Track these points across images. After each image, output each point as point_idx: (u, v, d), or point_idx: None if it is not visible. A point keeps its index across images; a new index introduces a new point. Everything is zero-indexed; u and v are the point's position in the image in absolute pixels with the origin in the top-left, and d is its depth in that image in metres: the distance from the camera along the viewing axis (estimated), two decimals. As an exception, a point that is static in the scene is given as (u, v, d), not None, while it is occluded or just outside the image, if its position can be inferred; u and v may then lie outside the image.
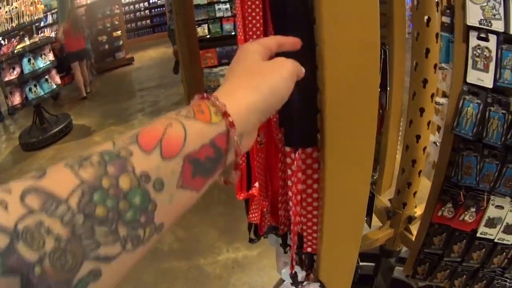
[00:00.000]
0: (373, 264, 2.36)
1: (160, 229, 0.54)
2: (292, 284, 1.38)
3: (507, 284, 1.76)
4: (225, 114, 0.62)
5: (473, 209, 1.55)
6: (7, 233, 0.41)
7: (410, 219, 1.95)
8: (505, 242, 1.62)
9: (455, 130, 1.47)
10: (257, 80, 0.69)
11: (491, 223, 1.58)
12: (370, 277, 2.41)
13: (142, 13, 17.20)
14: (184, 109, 0.62)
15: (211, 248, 4.38)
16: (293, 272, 1.35)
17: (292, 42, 0.86)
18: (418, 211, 2.02)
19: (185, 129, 0.57)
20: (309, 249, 1.33)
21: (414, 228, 1.92)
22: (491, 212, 1.56)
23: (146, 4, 17.17)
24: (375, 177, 1.87)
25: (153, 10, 17.21)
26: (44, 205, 0.44)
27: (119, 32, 13.71)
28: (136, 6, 17.02)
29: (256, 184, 1.53)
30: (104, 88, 11.52)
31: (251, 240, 1.75)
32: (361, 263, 2.77)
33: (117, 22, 13.73)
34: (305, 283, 1.36)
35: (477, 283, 1.78)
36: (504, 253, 1.66)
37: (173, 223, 0.57)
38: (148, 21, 17.29)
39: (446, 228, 1.66)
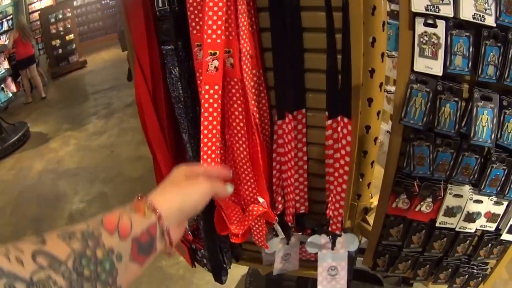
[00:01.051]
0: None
1: None
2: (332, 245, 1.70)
3: (474, 271, 1.75)
4: (154, 210, 0.88)
5: (429, 199, 1.53)
6: (24, 282, 0.59)
7: (366, 210, 1.92)
8: (467, 230, 1.60)
9: (403, 121, 1.44)
10: (177, 190, 0.98)
11: (450, 212, 1.56)
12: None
13: (94, 15, 17.01)
14: (127, 206, 0.87)
15: (172, 249, 4.32)
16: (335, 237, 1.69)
17: (218, 173, 1.16)
18: (374, 201, 2.00)
19: (131, 219, 0.82)
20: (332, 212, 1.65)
21: (372, 219, 1.89)
22: (449, 201, 1.54)
23: (98, 5, 16.98)
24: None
25: (105, 11, 17.02)
26: (50, 264, 0.64)
27: (72, 36, 13.55)
28: (88, 8, 16.82)
29: (262, 200, 1.55)
30: (58, 93, 11.49)
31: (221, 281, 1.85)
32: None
33: (69, 26, 13.55)
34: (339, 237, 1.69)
35: (442, 272, 1.77)
36: (468, 241, 1.65)
37: None
38: (101, 22, 17.11)
39: (402, 219, 1.64)
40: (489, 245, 1.66)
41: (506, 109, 1.38)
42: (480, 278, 1.78)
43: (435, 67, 1.36)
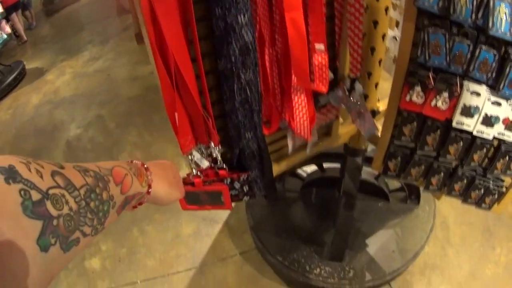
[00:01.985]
0: (338, 165, 2.31)
1: (101, 231, 0.85)
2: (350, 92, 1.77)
3: (491, 186, 1.68)
4: (149, 186, 1.11)
5: (445, 94, 1.44)
6: (41, 193, 0.64)
7: (374, 113, 1.89)
8: (484, 135, 1.53)
9: (418, 2, 1.34)
10: (167, 185, 1.23)
11: (468, 112, 1.47)
12: (338, 180, 2.35)
13: None
14: (134, 166, 1.06)
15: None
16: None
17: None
18: (381, 106, 1.93)
19: (133, 182, 1.00)
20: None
21: (379, 124, 1.85)
22: (466, 98, 1.44)
23: None
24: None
25: None
26: (66, 186, 0.71)
27: (65, -29, 13.29)
28: None
29: (322, 47, 1.58)
30: (53, 29, 11.36)
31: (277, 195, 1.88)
32: (326, 165, 2.75)
33: (62, -41, 13.29)
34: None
35: (457, 182, 1.71)
36: (485, 149, 1.57)
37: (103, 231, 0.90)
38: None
39: (416, 116, 1.56)
40: (506, 157, 1.58)
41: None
42: (496, 195, 1.72)
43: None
